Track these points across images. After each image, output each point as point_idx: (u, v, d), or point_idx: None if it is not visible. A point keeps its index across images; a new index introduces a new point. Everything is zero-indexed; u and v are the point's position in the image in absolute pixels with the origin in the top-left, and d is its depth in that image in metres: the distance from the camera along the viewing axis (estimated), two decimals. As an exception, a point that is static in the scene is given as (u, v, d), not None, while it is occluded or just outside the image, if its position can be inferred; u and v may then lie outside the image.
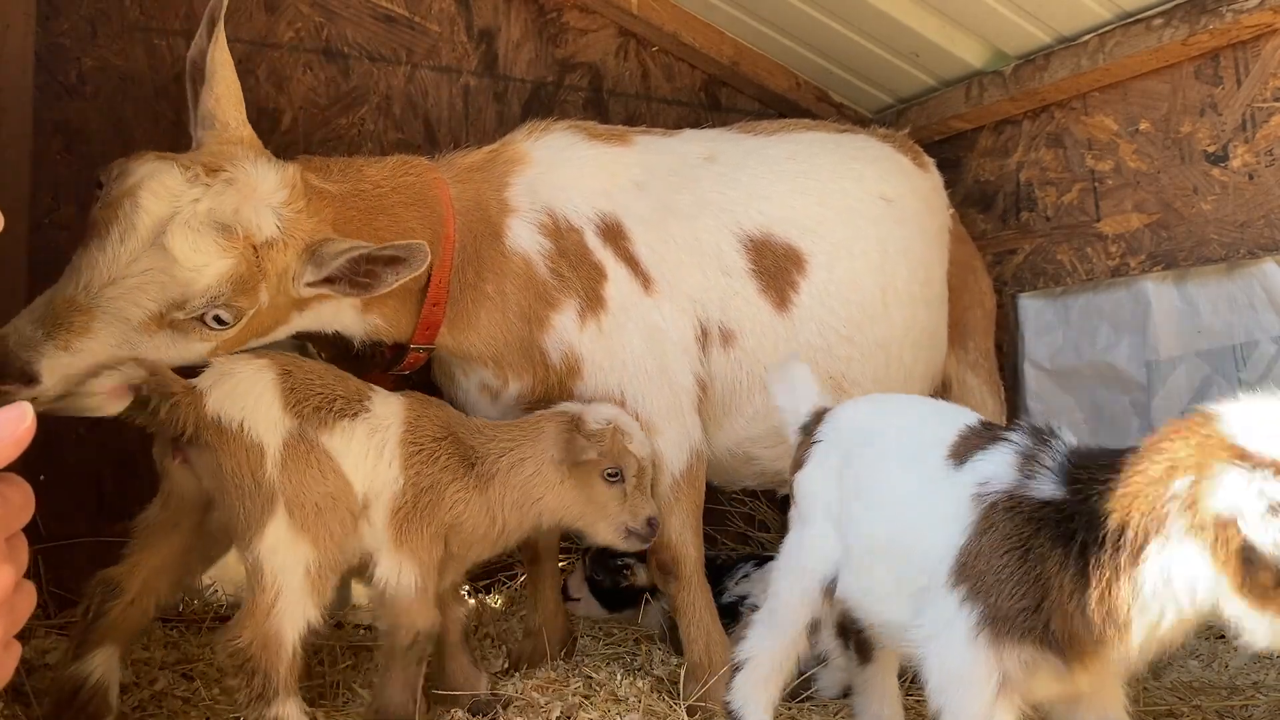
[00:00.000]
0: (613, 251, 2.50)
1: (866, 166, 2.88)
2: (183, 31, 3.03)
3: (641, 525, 2.26)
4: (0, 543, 0.91)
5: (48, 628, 2.56)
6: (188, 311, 1.97)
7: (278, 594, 1.90)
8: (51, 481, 2.78)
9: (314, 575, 1.95)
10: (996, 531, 1.56)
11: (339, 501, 2.01)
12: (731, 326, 2.58)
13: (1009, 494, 1.58)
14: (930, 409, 2.07)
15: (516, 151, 2.57)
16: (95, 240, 1.95)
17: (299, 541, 1.94)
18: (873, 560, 1.82)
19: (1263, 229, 2.74)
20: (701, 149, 2.76)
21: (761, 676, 1.95)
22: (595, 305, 2.44)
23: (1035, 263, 3.38)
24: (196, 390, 1.93)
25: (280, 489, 1.93)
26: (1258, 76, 2.75)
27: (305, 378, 2.06)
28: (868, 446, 1.92)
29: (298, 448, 1.97)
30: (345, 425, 2.06)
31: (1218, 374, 2.80)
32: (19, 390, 1.83)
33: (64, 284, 1.95)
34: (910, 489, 1.78)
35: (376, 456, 2.09)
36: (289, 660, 1.90)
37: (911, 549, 1.72)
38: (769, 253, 2.64)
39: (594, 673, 2.44)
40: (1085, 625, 1.47)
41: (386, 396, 2.20)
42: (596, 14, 3.58)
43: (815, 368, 2.62)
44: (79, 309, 1.90)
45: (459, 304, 2.39)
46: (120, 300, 1.91)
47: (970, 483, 1.64)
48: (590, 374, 2.43)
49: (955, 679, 1.57)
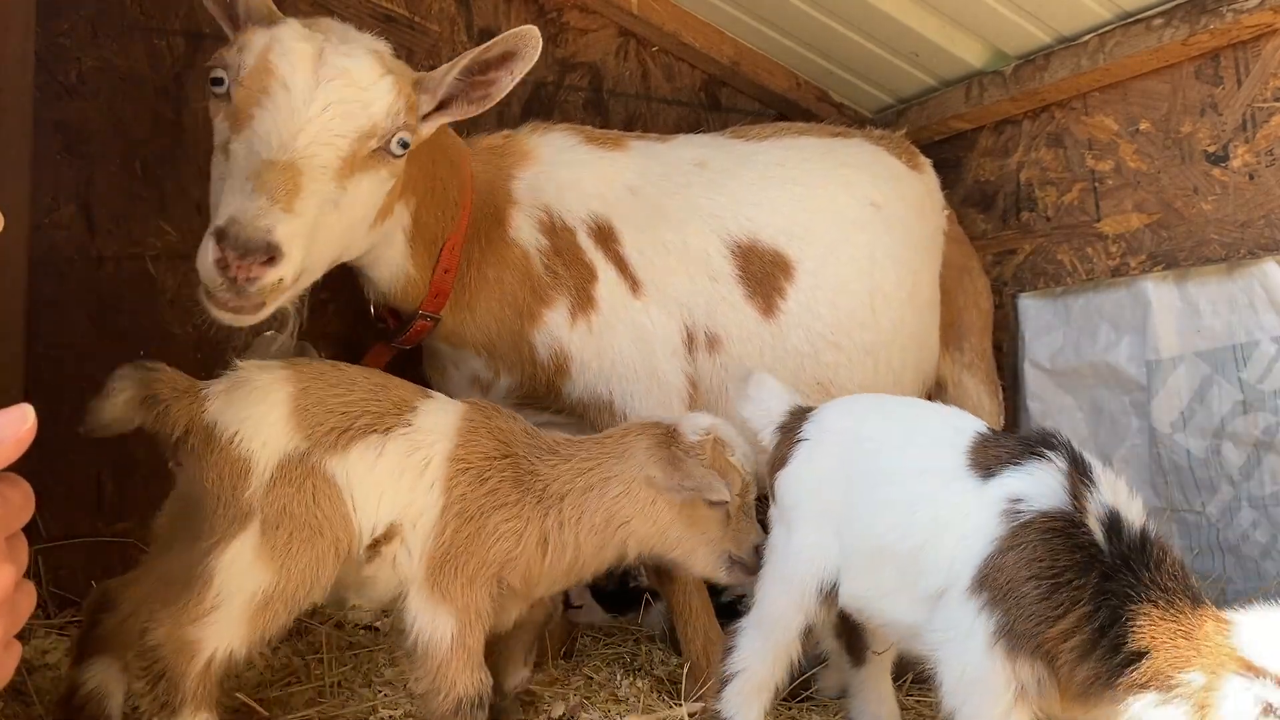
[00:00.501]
0: (603, 253, 2.53)
1: (856, 172, 2.90)
2: (183, 31, 3.03)
3: (748, 553, 1.97)
4: (0, 542, 0.91)
5: (48, 628, 2.56)
6: (379, 138, 1.95)
7: (214, 608, 1.73)
8: (51, 481, 2.78)
9: (260, 603, 1.76)
10: (1027, 551, 1.58)
11: (322, 535, 1.81)
12: (717, 332, 2.59)
13: (1046, 515, 1.60)
14: (926, 410, 2.07)
15: (524, 146, 2.63)
16: (256, 109, 1.87)
17: (261, 566, 1.77)
18: (880, 561, 1.81)
19: (1263, 229, 2.74)
20: (693, 155, 2.79)
21: (754, 687, 1.93)
22: (586, 305, 2.47)
23: (1035, 263, 3.38)
24: (201, 394, 1.86)
25: (259, 509, 1.78)
26: (1258, 76, 2.75)
27: (328, 393, 1.90)
28: (870, 447, 1.90)
29: (294, 471, 1.81)
30: (371, 443, 1.87)
31: (1218, 374, 2.80)
32: (264, 271, 1.74)
33: (245, 161, 1.84)
34: (924, 492, 1.77)
35: (415, 477, 1.88)
36: (200, 672, 1.72)
37: (924, 551, 1.71)
38: (756, 259, 2.66)
39: (594, 673, 2.44)
40: (1069, 676, 1.55)
41: (443, 407, 1.99)
42: (596, 14, 3.57)
43: (802, 373, 2.64)
44: (282, 168, 1.81)
45: (462, 281, 2.42)
46: (315, 145, 1.86)
47: (1001, 497, 1.65)
48: (578, 373, 2.45)
49: (972, 684, 1.59)
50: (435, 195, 2.34)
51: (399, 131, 1.99)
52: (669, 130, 3.51)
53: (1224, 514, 2.80)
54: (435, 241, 2.35)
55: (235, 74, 1.92)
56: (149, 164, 2.99)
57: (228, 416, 1.83)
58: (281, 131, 1.85)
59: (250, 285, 1.75)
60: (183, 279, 3.01)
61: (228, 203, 1.79)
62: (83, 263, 2.90)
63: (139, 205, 2.98)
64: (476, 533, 1.87)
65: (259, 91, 1.88)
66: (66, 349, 2.87)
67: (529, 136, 2.66)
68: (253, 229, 1.73)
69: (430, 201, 2.32)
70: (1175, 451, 2.88)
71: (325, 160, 1.87)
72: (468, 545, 1.86)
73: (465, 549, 1.86)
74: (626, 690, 2.34)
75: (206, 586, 1.74)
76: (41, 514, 2.75)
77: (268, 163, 1.81)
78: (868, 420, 1.98)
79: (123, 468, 2.90)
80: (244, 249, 1.72)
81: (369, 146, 1.96)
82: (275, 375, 1.90)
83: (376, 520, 1.87)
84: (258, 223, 1.74)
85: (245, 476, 1.79)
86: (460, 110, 2.14)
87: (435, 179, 2.34)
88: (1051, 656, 1.55)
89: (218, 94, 1.96)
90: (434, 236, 2.34)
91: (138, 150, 2.98)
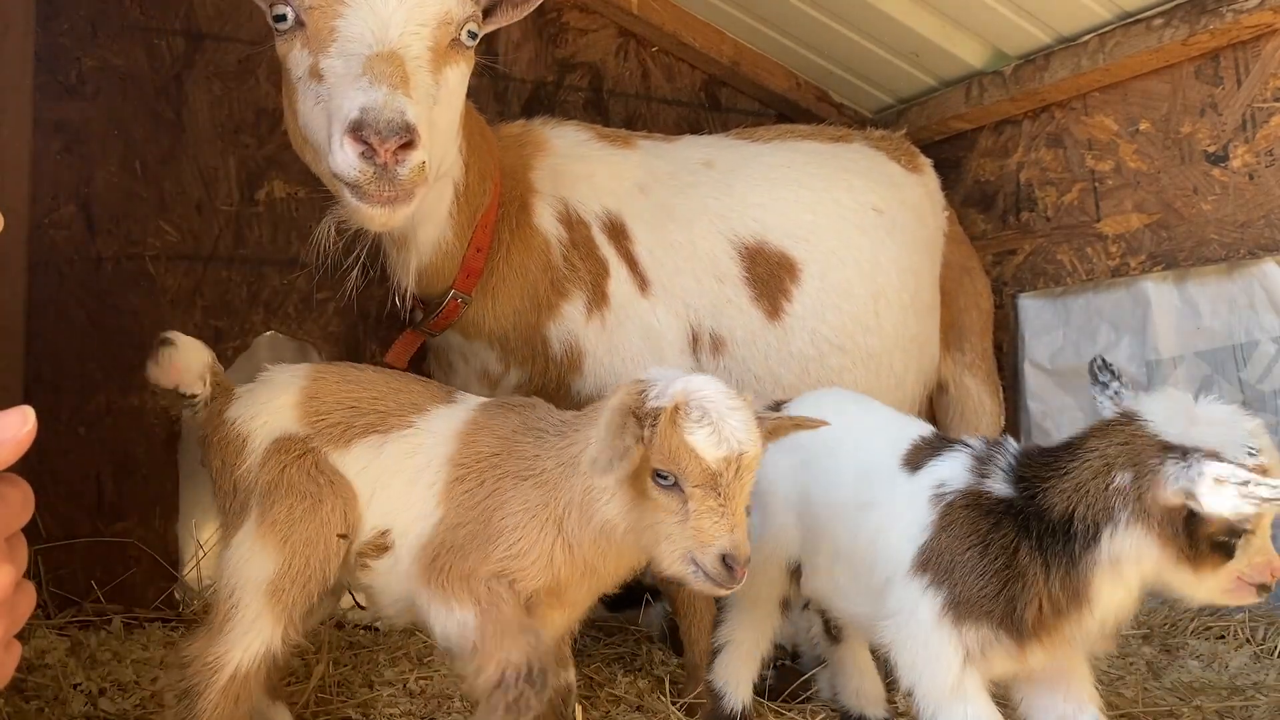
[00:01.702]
0: (615, 250, 2.53)
1: (857, 178, 2.91)
2: (183, 31, 3.03)
3: (711, 561, 1.52)
4: (0, 543, 0.91)
5: (48, 628, 2.56)
6: (456, 25, 1.95)
7: (231, 612, 1.70)
8: (51, 481, 2.79)
9: (271, 591, 1.70)
10: (956, 527, 1.73)
11: (323, 502, 1.75)
12: (722, 333, 2.59)
13: (964, 493, 1.76)
14: (885, 417, 2.11)
15: (540, 136, 2.63)
16: (338, 20, 1.87)
17: (263, 549, 1.72)
18: (834, 562, 1.95)
19: (1263, 229, 2.74)
20: (700, 154, 2.79)
21: (742, 655, 2.10)
22: (600, 300, 2.47)
23: (1035, 263, 3.38)
24: (233, 393, 1.91)
25: (256, 487, 1.76)
26: (1258, 76, 2.75)
27: (338, 389, 1.88)
28: (826, 454, 2.00)
29: (292, 447, 1.79)
30: (371, 443, 1.82)
31: (1218, 374, 2.80)
32: (408, 154, 1.74)
33: (347, 65, 1.83)
34: (867, 498, 1.90)
35: (409, 483, 1.79)
36: (223, 689, 1.67)
37: (873, 547, 1.85)
38: (763, 260, 2.66)
39: (594, 673, 2.44)
40: (1053, 606, 1.64)
41: (456, 407, 1.89)
42: (596, 14, 3.58)
43: (807, 377, 2.65)
44: (387, 58, 1.81)
45: (491, 263, 2.42)
46: (406, 35, 1.86)
47: (927, 485, 1.80)
48: (591, 369, 2.45)
49: (925, 657, 1.71)
50: (476, 152, 2.33)
51: (468, 21, 2.00)
52: (669, 130, 3.51)
53: (1224, 514, 2.80)
54: (475, 211, 2.34)
55: (300, 1, 1.92)
56: (149, 164, 2.99)
57: (238, 405, 1.88)
58: (373, 28, 1.85)
59: (401, 167, 1.75)
60: (183, 278, 3.01)
61: (351, 100, 1.77)
62: (83, 263, 2.91)
63: (139, 205, 2.98)
64: (480, 532, 1.73)
65: (334, 3, 1.88)
66: (66, 349, 2.87)
67: (543, 128, 2.66)
68: (390, 110, 1.73)
69: (474, 159, 2.32)
70: (1175, 451, 2.88)
71: (418, 51, 1.89)
72: (471, 545, 1.73)
73: (468, 549, 1.73)
74: (626, 690, 2.34)
75: (222, 592, 1.73)
76: (41, 514, 2.76)
77: (372, 57, 1.81)
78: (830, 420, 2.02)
79: (123, 468, 2.91)
80: (386, 130, 1.71)
81: (449, 35, 1.96)
82: (293, 372, 1.94)
83: (375, 516, 1.81)
84: (392, 103, 1.74)
85: (240, 453, 1.80)
86: (505, 15, 2.15)
87: (474, 134, 2.33)
88: (1005, 608, 1.65)
89: (284, 29, 1.96)
90: (474, 204, 2.33)
91: (138, 150, 2.98)
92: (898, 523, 1.80)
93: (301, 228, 3.15)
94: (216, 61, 3.06)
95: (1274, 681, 2.36)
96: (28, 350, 2.82)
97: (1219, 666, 2.48)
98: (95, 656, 2.44)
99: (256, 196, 3.10)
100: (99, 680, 2.27)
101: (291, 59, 1.97)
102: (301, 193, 3.13)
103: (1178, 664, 2.52)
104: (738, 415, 1.56)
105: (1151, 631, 2.71)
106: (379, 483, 1.81)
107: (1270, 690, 2.30)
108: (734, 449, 1.54)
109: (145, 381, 1.92)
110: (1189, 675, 2.45)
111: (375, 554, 1.80)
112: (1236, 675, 2.42)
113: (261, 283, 3.09)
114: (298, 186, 3.13)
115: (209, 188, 3.06)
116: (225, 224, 3.07)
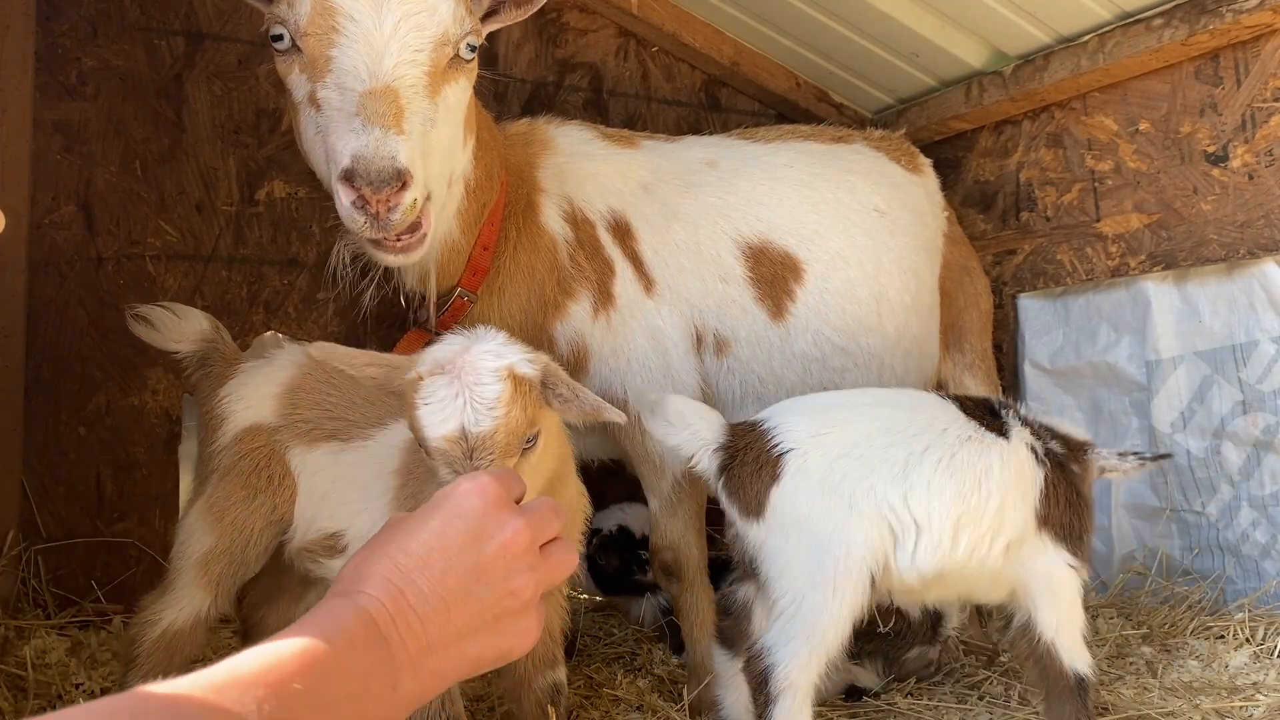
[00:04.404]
0: (620, 249, 2.53)
1: (859, 178, 2.91)
2: (183, 31, 3.04)
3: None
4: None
5: (48, 628, 2.56)
6: (453, 44, 1.95)
7: (174, 578, 1.91)
8: (51, 481, 2.79)
9: (202, 562, 1.88)
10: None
11: (256, 497, 1.89)
12: (726, 334, 2.58)
13: None
14: (898, 402, 2.12)
15: (545, 134, 2.63)
16: (333, 49, 1.87)
17: (204, 528, 1.89)
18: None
19: (1263, 229, 2.74)
20: (704, 154, 2.78)
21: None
22: (606, 300, 2.47)
23: (1035, 263, 3.38)
24: (237, 366, 2.00)
25: (220, 466, 1.91)
26: (1258, 76, 2.75)
27: (318, 388, 1.95)
28: (857, 453, 1.95)
29: (257, 438, 1.90)
30: (331, 449, 1.90)
31: (1218, 374, 2.80)
32: (401, 197, 1.76)
33: (341, 100, 1.84)
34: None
35: (363, 491, 1.84)
36: (154, 641, 1.86)
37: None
38: (767, 260, 2.65)
39: (594, 673, 2.44)
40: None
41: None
42: (596, 14, 3.58)
43: (809, 378, 2.63)
44: (380, 94, 1.82)
45: (498, 262, 2.41)
46: (401, 65, 1.86)
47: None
48: (595, 369, 2.44)
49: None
50: (483, 148, 2.33)
51: (467, 36, 1.99)
52: (669, 131, 3.51)
53: (1224, 514, 2.81)
54: (481, 207, 2.34)
55: (295, 26, 1.91)
56: (149, 164, 3.00)
57: (232, 383, 1.99)
58: (367, 61, 1.86)
59: (393, 214, 1.78)
60: (183, 278, 3.01)
61: (344, 143, 1.80)
62: (83, 263, 2.91)
63: (139, 205, 2.98)
64: None
65: (328, 31, 1.88)
66: (66, 349, 2.87)
67: (548, 126, 2.66)
68: (380, 159, 1.75)
69: (481, 156, 2.32)
70: (1175, 451, 2.88)
71: (414, 79, 1.89)
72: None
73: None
74: (626, 690, 2.34)
75: (172, 555, 1.92)
76: (41, 514, 2.76)
77: (365, 93, 1.82)
78: (842, 425, 2.00)
79: (123, 468, 2.91)
80: (378, 180, 1.74)
81: (447, 55, 1.96)
82: (289, 357, 2.01)
83: (326, 519, 1.89)
84: (382, 151, 1.76)
85: (217, 430, 1.94)
86: (509, 15, 2.14)
87: (481, 129, 2.33)
88: None
89: (281, 50, 1.96)
90: (481, 200, 2.33)
91: (138, 150, 2.99)
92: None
93: (302, 228, 3.15)
94: (217, 61, 3.06)
95: (1274, 681, 2.36)
96: (28, 350, 2.82)
97: (1219, 666, 2.48)
98: (96, 656, 2.44)
99: (256, 196, 3.11)
100: (100, 680, 2.28)
101: (291, 81, 1.98)
102: (301, 193, 3.13)
103: (1177, 664, 2.52)
104: (480, 391, 1.44)
105: (1151, 631, 2.71)
106: (334, 487, 1.89)
107: (1270, 690, 2.30)
108: (456, 429, 1.42)
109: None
110: (1189, 675, 2.45)
111: (327, 554, 1.90)
112: (1236, 675, 2.42)
113: (261, 283, 3.09)
114: (298, 186, 3.13)
115: (209, 188, 3.06)
116: (225, 224, 3.07)
